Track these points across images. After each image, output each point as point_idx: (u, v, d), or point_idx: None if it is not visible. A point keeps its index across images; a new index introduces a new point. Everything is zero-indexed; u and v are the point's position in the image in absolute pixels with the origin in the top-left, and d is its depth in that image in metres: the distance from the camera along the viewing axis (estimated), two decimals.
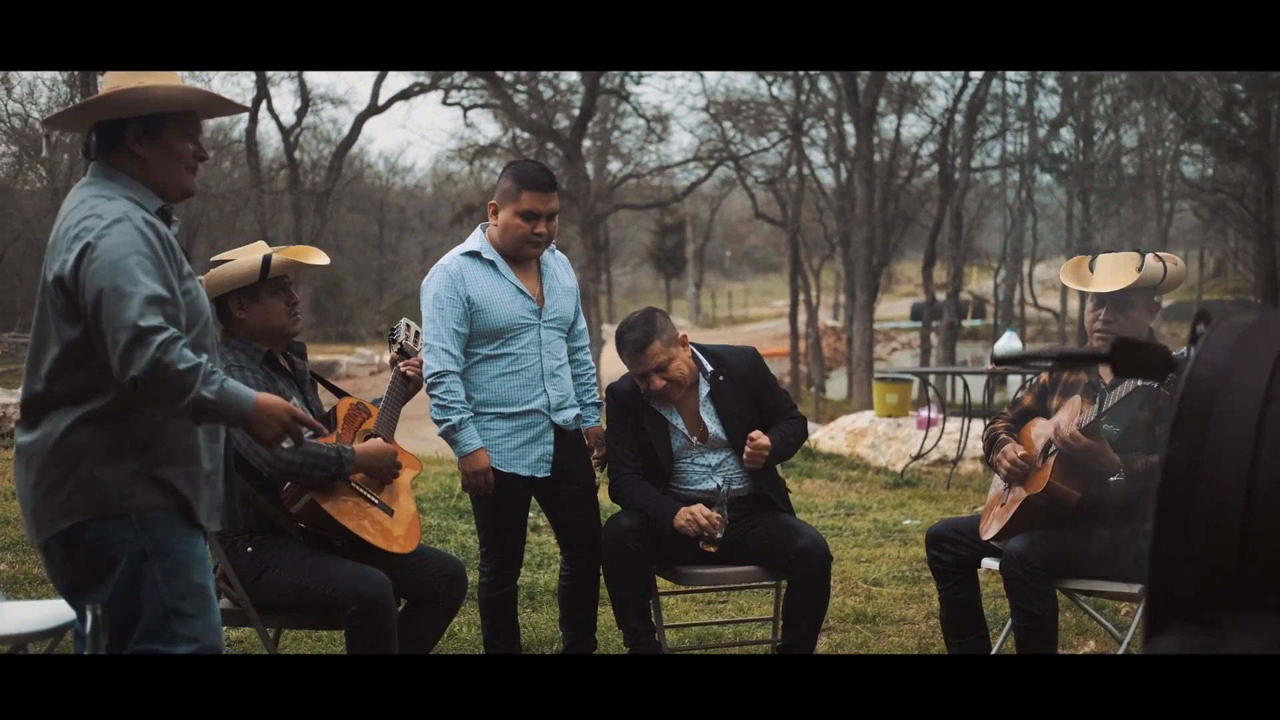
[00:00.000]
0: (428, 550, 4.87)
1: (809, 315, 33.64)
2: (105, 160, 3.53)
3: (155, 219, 3.45)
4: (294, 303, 4.73)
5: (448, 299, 5.04)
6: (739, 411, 5.24)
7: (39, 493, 3.43)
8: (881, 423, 12.18)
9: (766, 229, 47.17)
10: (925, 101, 30.19)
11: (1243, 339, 2.07)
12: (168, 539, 3.46)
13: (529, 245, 5.11)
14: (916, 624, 6.35)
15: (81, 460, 3.39)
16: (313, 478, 4.47)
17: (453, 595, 4.82)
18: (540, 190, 5.07)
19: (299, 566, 4.47)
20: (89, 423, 3.39)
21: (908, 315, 48.32)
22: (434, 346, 5.02)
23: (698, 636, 6.19)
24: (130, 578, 3.41)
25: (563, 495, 5.30)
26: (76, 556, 3.44)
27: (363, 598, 4.38)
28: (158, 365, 3.18)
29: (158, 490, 3.45)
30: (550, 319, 5.22)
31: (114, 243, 3.28)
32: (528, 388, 5.15)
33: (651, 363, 5.12)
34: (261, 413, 3.38)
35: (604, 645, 5.92)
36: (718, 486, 5.17)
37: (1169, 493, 2.03)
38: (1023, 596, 4.75)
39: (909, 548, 8.07)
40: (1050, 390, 5.06)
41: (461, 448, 5.03)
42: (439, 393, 5.01)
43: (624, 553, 5.07)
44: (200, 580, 3.53)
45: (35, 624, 4.21)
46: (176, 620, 3.46)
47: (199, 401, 3.23)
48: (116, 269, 3.24)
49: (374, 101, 30.23)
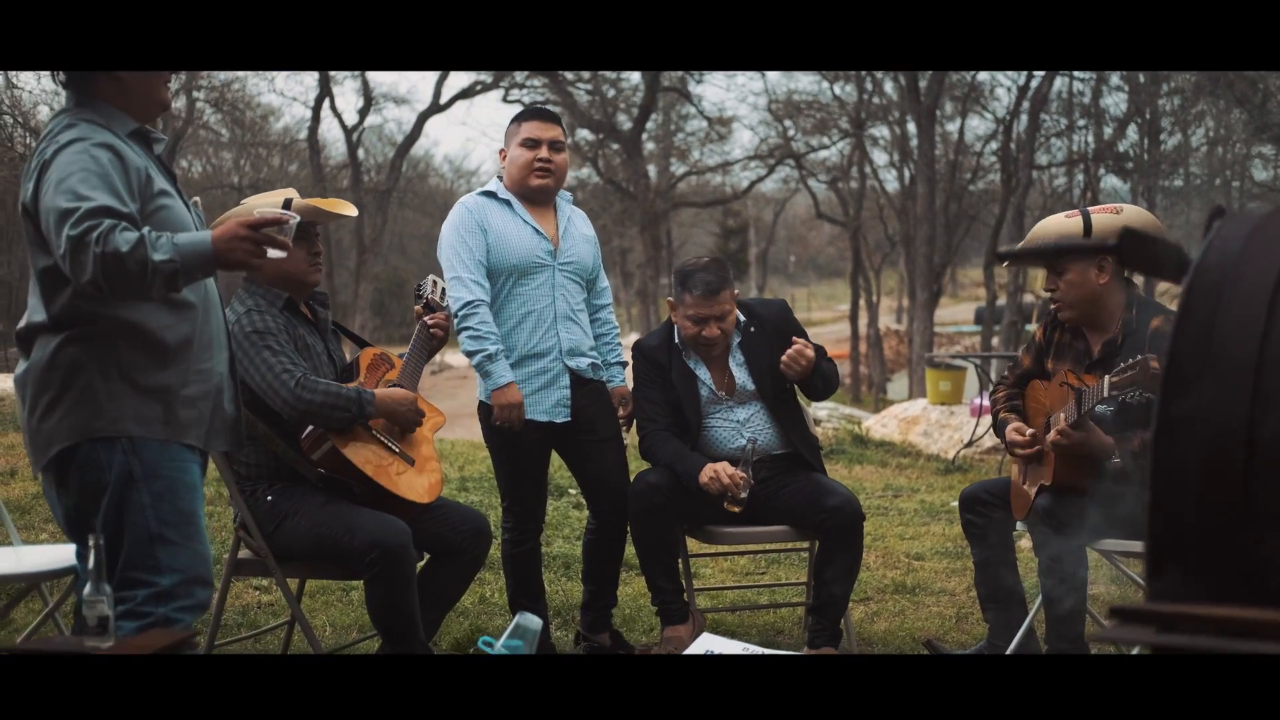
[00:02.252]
0: (451, 504, 4.81)
1: (870, 316, 33.39)
2: (80, 86, 3.52)
3: (118, 140, 3.42)
4: (316, 252, 4.69)
5: (467, 231, 5.05)
6: (769, 362, 5.14)
7: (34, 419, 3.42)
8: (934, 410, 12.02)
9: (829, 233, 46.94)
10: (989, 101, 29.88)
11: (1257, 228, 1.98)
12: (157, 462, 3.42)
13: (535, 175, 5.13)
14: (957, 595, 6.24)
15: (71, 383, 3.37)
16: (333, 418, 4.43)
17: (476, 549, 4.76)
18: (538, 119, 5.15)
19: (318, 514, 4.44)
20: (75, 343, 3.37)
21: (971, 319, 47.94)
22: (461, 278, 5.01)
23: (730, 601, 6.10)
24: (117, 501, 3.39)
25: (586, 446, 5.24)
26: (69, 480, 3.42)
27: (382, 545, 4.33)
28: (103, 259, 3.14)
29: (149, 412, 3.41)
30: (565, 262, 5.18)
31: (63, 162, 3.28)
32: (539, 330, 5.11)
33: (718, 308, 5.06)
34: (221, 242, 3.29)
35: (634, 610, 5.85)
36: (745, 445, 5.08)
37: (1174, 382, 1.95)
38: (1051, 554, 4.63)
39: (955, 525, 7.93)
40: (1045, 350, 4.93)
41: (495, 379, 4.98)
42: (473, 323, 4.97)
43: (651, 509, 4.99)
44: (189, 507, 3.49)
45: (50, 563, 4.20)
46: (160, 547, 3.42)
47: (160, 268, 3.18)
48: (61, 187, 3.23)
49: (436, 100, 30.25)
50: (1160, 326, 4.56)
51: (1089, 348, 4.75)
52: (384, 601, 4.41)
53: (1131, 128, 28.19)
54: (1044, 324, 4.97)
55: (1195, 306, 1.96)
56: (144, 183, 3.40)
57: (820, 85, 31.40)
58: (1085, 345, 4.77)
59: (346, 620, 5.65)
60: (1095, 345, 4.72)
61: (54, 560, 4.21)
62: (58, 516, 3.57)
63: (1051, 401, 4.74)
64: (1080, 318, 4.74)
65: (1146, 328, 4.59)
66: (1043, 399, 4.85)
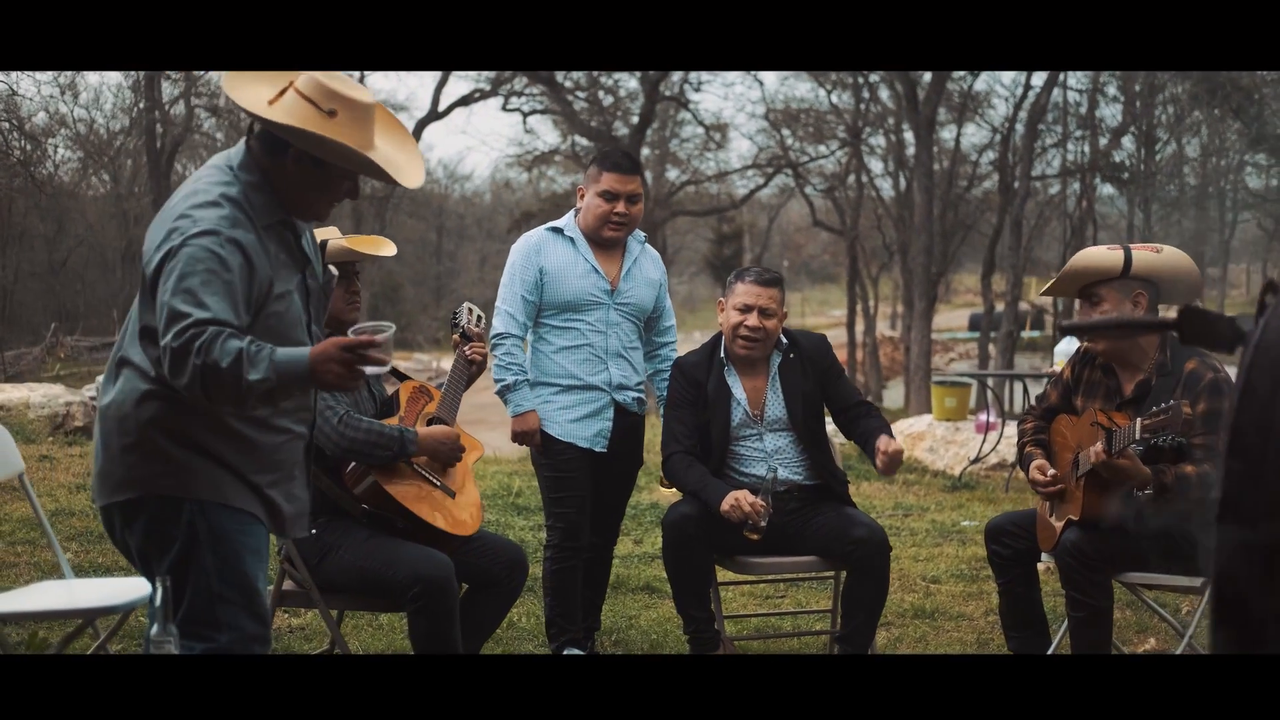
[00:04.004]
0: (490, 536, 4.90)
1: (866, 324, 33.54)
2: (260, 153, 3.49)
3: (260, 235, 3.41)
4: (354, 291, 4.79)
5: (521, 266, 5.27)
6: (804, 391, 5.25)
7: (107, 455, 3.46)
8: (940, 426, 12.10)
9: (824, 239, 47.01)
10: (985, 110, 30.04)
11: None
12: (224, 526, 3.47)
13: (609, 226, 5.27)
14: (975, 620, 6.33)
15: (149, 437, 3.40)
16: (375, 456, 4.52)
17: (514, 581, 4.84)
18: (620, 171, 5.26)
19: (362, 548, 4.52)
20: (160, 399, 3.39)
21: (965, 326, 48.07)
22: (501, 310, 5.27)
23: (755, 628, 6.18)
24: (182, 557, 3.43)
25: (609, 475, 5.43)
26: (135, 527, 3.48)
27: (425, 579, 4.41)
28: (201, 371, 3.15)
29: (220, 479, 3.45)
30: (623, 302, 5.34)
31: (191, 255, 3.25)
32: (590, 363, 5.31)
33: (766, 300, 5.20)
34: (317, 362, 3.26)
35: (660, 636, 5.94)
36: (765, 476, 5.16)
37: (1238, 457, 2.02)
38: (1078, 587, 4.72)
39: (967, 547, 8.04)
40: (1074, 388, 5.02)
41: (514, 407, 5.25)
42: (499, 353, 5.24)
43: (684, 540, 5.09)
44: (251, 573, 3.53)
45: (104, 600, 4.27)
46: (220, 606, 3.47)
47: (256, 386, 3.18)
48: (181, 285, 3.22)
49: (434, 108, 30.38)
50: (1195, 369, 4.65)
51: (1120, 386, 4.84)
52: (427, 633, 4.48)
53: (1127, 138, 28.30)
54: (1073, 361, 5.06)
55: (1257, 383, 2.02)
56: (264, 292, 3.40)
57: (817, 93, 31.51)
58: (1116, 383, 4.85)
59: (378, 645, 5.73)
60: (1127, 384, 4.81)
61: (108, 597, 4.28)
62: (119, 546, 3.60)
63: (1079, 438, 4.83)
64: (1112, 353, 4.84)
65: (1181, 370, 4.69)
66: (1068, 434, 4.94)
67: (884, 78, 28.01)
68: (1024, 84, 26.76)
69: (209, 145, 34.53)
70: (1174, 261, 4.74)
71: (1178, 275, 4.76)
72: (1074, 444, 4.87)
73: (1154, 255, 4.74)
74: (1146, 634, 6.01)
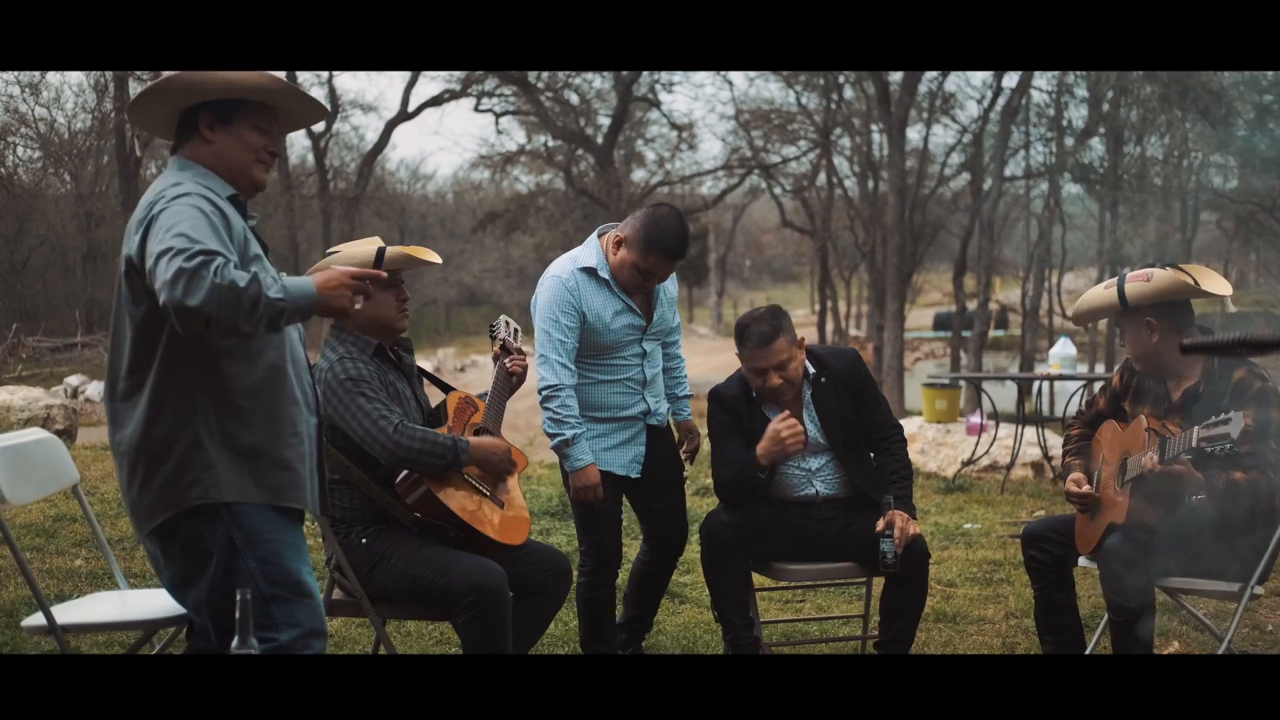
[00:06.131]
0: (534, 544, 4.91)
1: (835, 324, 33.66)
2: (179, 153, 3.66)
3: (223, 201, 3.53)
4: (404, 299, 4.79)
5: (563, 313, 5.11)
6: (839, 412, 5.27)
7: (132, 490, 3.53)
8: (930, 428, 12.19)
9: (787, 238, 47.17)
10: (955, 111, 30.19)
11: None
12: (258, 528, 3.52)
13: (636, 290, 5.22)
14: (996, 623, 6.38)
15: (166, 455, 3.47)
16: (429, 465, 4.53)
17: (559, 589, 4.87)
18: (668, 258, 5.13)
19: (414, 557, 4.53)
20: (166, 414, 3.46)
21: (930, 325, 48.30)
22: (549, 359, 5.11)
23: (784, 633, 6.22)
24: (224, 569, 3.48)
25: (651, 489, 5.43)
26: (173, 550, 3.53)
27: (479, 589, 4.42)
28: (219, 289, 3.16)
29: (244, 478, 3.51)
30: (654, 332, 5.36)
31: (173, 211, 3.35)
32: (626, 395, 5.30)
33: (774, 359, 5.13)
34: (324, 288, 3.39)
35: (690, 641, 5.97)
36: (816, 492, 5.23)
37: None
38: (1120, 592, 4.77)
39: (975, 550, 8.10)
40: (1122, 394, 5.11)
41: (573, 462, 5.12)
42: (554, 406, 5.10)
43: (723, 547, 5.12)
44: (295, 567, 3.59)
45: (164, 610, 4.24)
46: (275, 606, 3.52)
47: (272, 305, 3.24)
48: (172, 231, 3.27)
49: (404, 108, 30.29)
50: (1244, 378, 4.72)
51: (1168, 392, 4.91)
52: (480, 641, 4.49)
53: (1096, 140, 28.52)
54: (1122, 370, 5.15)
55: None
56: (243, 243, 3.50)
57: (786, 94, 31.61)
58: (1164, 390, 4.93)
59: (419, 650, 5.75)
60: (1175, 391, 4.88)
61: (167, 608, 4.25)
62: (163, 581, 3.68)
63: (1126, 443, 4.90)
64: (1146, 368, 4.95)
65: (1228, 379, 4.75)
66: (1115, 440, 5.01)
67: (853, 78, 28.13)
68: (994, 85, 26.95)
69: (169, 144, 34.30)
70: (1164, 285, 4.80)
71: (1172, 296, 4.83)
72: (1120, 449, 4.94)
73: (1145, 285, 4.83)
74: (1169, 638, 6.07)
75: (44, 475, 4.49)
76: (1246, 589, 4.78)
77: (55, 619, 4.12)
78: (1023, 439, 11.30)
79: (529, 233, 35.56)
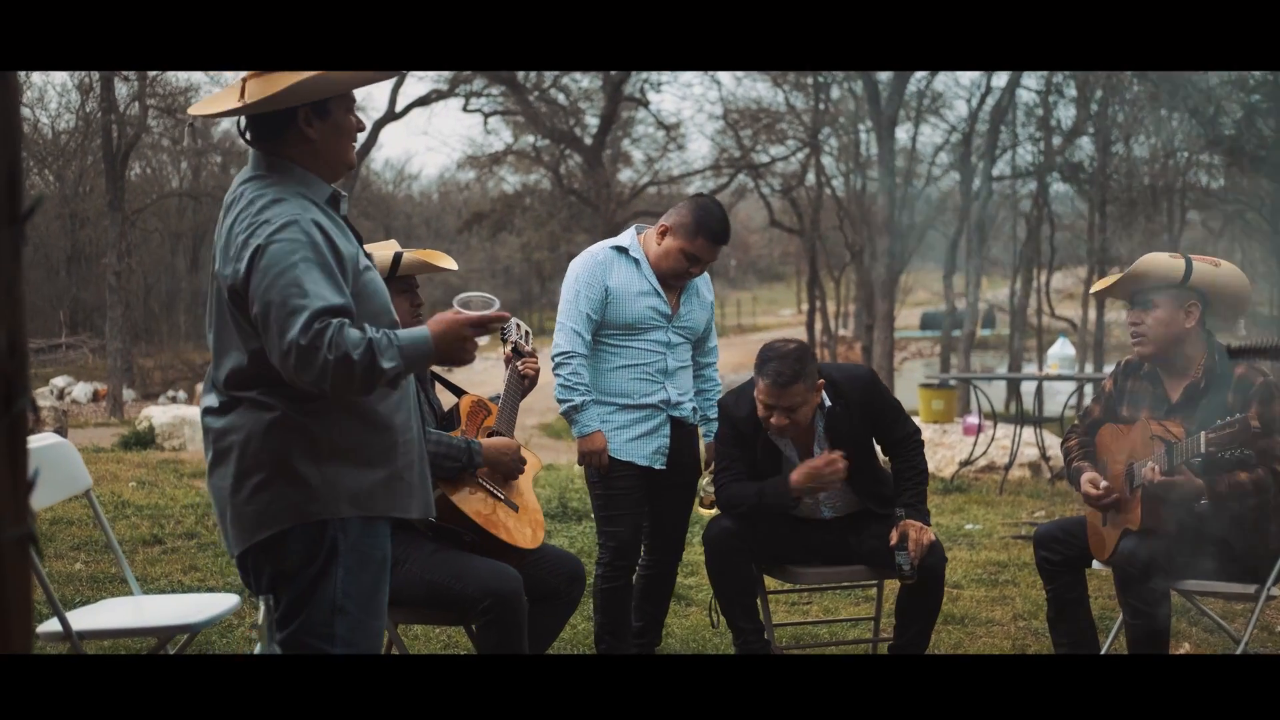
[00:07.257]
0: (549, 548, 4.89)
1: (824, 324, 33.67)
2: (271, 149, 3.45)
3: (325, 212, 3.38)
4: (419, 304, 4.77)
5: (586, 283, 5.20)
6: (853, 438, 5.18)
7: (239, 498, 3.37)
8: (927, 429, 12.19)
9: (773, 238, 47.16)
10: (944, 111, 30.23)
11: None
12: (359, 538, 3.42)
13: (677, 278, 5.27)
14: (1005, 625, 6.37)
15: (286, 465, 3.33)
16: (444, 468, 4.50)
17: (573, 592, 4.85)
18: (714, 242, 5.21)
19: (430, 562, 4.49)
20: (288, 424, 3.32)
21: (917, 325, 48.34)
22: (565, 326, 5.19)
23: (793, 636, 6.20)
24: (318, 572, 3.37)
25: (665, 489, 5.40)
26: (274, 557, 3.39)
27: (496, 593, 4.39)
28: (333, 366, 3.10)
29: (364, 490, 3.40)
30: (680, 325, 5.34)
31: (283, 248, 3.20)
32: (647, 382, 5.28)
33: (785, 401, 5.01)
34: (443, 341, 3.29)
35: (699, 644, 5.96)
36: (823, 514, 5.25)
37: None
38: (1136, 595, 4.76)
39: (979, 551, 8.09)
40: (1118, 399, 5.08)
41: (581, 428, 5.19)
42: (565, 373, 5.17)
43: (727, 552, 5.11)
44: (375, 583, 3.48)
45: (178, 618, 4.23)
46: (339, 619, 3.40)
47: (389, 373, 3.17)
48: (284, 279, 3.16)
49: (391, 108, 30.19)
50: (1246, 374, 4.70)
51: (1166, 393, 4.88)
52: (496, 647, 4.46)
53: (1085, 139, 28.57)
54: (1114, 375, 5.12)
55: None
56: (354, 265, 3.37)
57: (775, 94, 31.62)
58: (1162, 391, 4.90)
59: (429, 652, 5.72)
60: (1173, 390, 4.86)
61: (180, 615, 4.24)
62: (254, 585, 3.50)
63: (1131, 448, 4.88)
64: (1159, 355, 4.87)
65: (1230, 375, 4.73)
66: (1118, 445, 4.98)
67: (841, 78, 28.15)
68: (984, 85, 26.98)
69: (153, 143, 34.28)
70: (1229, 278, 4.79)
71: (1231, 291, 4.80)
72: (1125, 454, 4.91)
73: (1213, 268, 4.79)
74: (1180, 639, 6.07)
75: (57, 480, 4.46)
76: (1263, 591, 4.77)
77: (70, 625, 4.09)
78: (1021, 439, 11.31)
79: (515, 233, 35.50)
